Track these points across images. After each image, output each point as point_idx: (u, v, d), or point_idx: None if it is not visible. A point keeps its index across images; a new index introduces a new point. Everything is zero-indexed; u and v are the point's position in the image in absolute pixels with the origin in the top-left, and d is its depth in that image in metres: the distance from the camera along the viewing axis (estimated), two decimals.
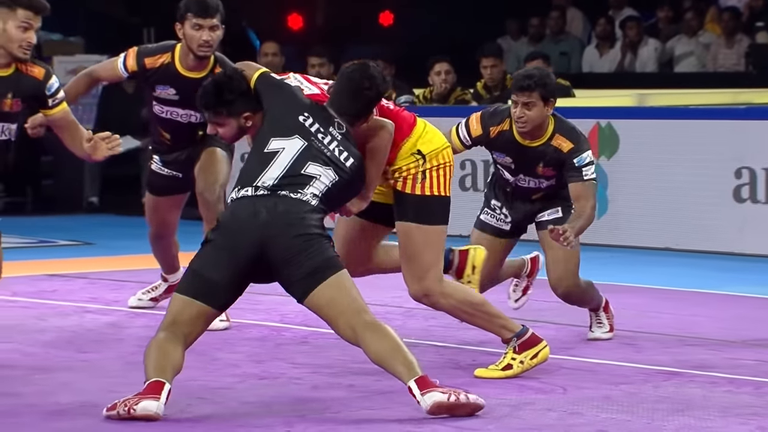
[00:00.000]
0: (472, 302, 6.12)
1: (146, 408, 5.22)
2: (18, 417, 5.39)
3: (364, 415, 5.45)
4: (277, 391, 5.88)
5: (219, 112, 5.64)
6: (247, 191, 5.52)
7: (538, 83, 6.43)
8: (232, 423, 5.30)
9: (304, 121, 5.64)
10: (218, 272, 5.44)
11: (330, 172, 5.58)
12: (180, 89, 7.08)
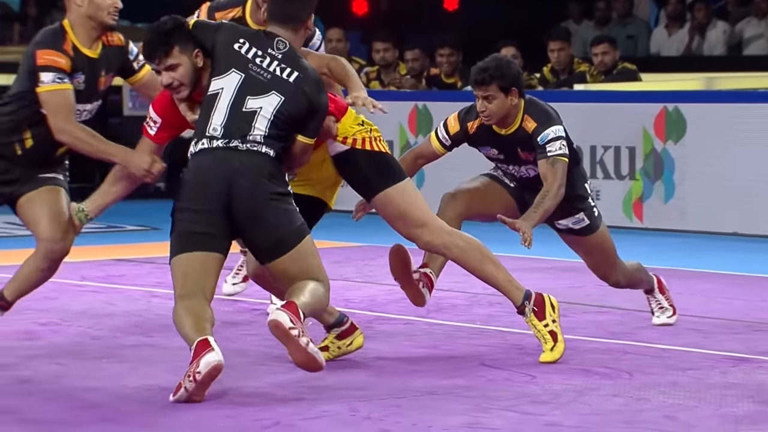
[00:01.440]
0: (482, 246, 6.07)
1: (208, 362, 5.27)
2: (87, 400, 5.46)
3: (427, 401, 5.47)
4: (342, 374, 5.91)
5: (169, 52, 5.57)
6: (203, 143, 5.56)
7: (493, 75, 6.33)
8: (299, 406, 5.33)
9: (240, 48, 5.66)
10: (202, 226, 5.51)
11: (272, 98, 5.59)
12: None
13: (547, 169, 6.32)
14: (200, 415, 5.23)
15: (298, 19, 5.79)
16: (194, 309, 5.46)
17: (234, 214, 5.52)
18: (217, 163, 5.52)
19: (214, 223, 5.52)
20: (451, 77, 12.65)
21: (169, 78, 5.61)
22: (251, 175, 5.52)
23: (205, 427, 5.10)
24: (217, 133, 5.55)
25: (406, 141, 12.17)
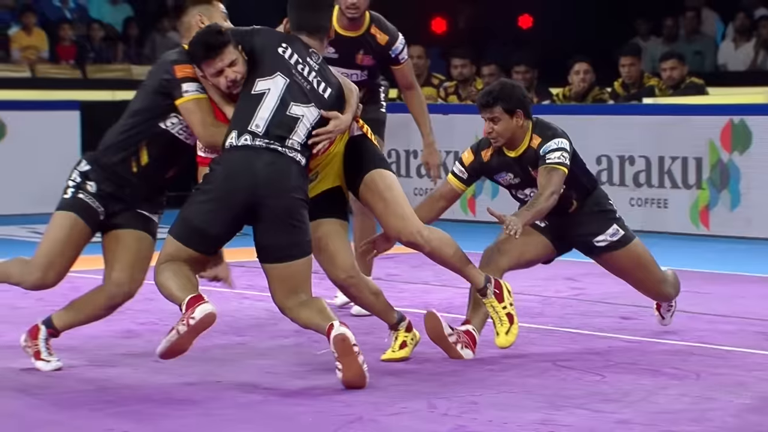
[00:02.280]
0: (452, 242, 6.03)
1: (204, 309, 5.31)
2: (184, 395, 5.51)
3: (502, 398, 5.45)
4: (420, 373, 5.91)
5: (228, 49, 5.55)
6: (245, 139, 5.52)
7: (497, 97, 6.24)
8: (380, 403, 5.34)
9: (284, 52, 5.65)
10: (208, 223, 5.50)
11: (312, 110, 5.61)
12: (339, 47, 7.09)
13: (543, 175, 6.20)
14: (289, 411, 5.26)
15: (324, 28, 5.82)
16: (180, 271, 5.46)
17: (255, 210, 5.50)
18: (254, 160, 5.49)
19: (224, 217, 5.50)
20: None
21: (234, 73, 5.59)
22: (282, 180, 5.51)
23: (295, 421, 5.13)
24: (259, 130, 5.53)
25: None
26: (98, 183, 5.73)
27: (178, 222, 5.58)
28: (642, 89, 12.18)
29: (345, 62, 7.12)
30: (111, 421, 5.10)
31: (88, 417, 5.14)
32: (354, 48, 7.11)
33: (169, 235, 5.58)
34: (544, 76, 12.97)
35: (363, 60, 7.18)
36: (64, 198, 5.73)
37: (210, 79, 5.62)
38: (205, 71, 5.61)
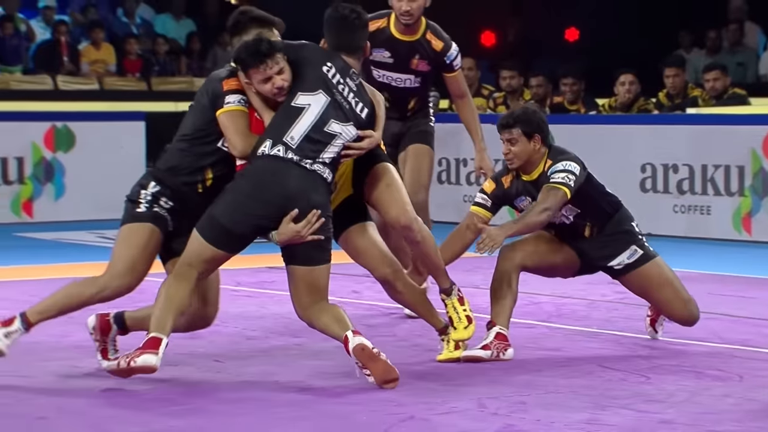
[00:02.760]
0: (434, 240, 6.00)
1: (146, 361, 5.32)
2: (243, 393, 5.52)
3: (550, 399, 5.42)
4: (470, 374, 5.89)
5: (278, 57, 5.53)
6: (278, 150, 5.50)
7: (517, 120, 6.19)
8: (431, 402, 5.33)
9: (327, 71, 5.63)
10: (234, 224, 5.48)
11: (350, 129, 5.61)
12: (394, 52, 7.09)
13: (543, 192, 6.12)
14: (343, 410, 5.25)
15: (361, 48, 5.81)
16: (172, 296, 5.44)
17: (280, 219, 5.47)
18: (284, 174, 5.48)
19: (250, 221, 5.49)
20: (574, 104, 12.60)
21: (281, 81, 5.57)
22: (311, 194, 5.49)
23: (348, 419, 5.12)
24: (293, 143, 5.52)
25: None
26: (168, 200, 5.67)
27: (205, 220, 5.56)
28: (686, 99, 12.09)
29: (400, 66, 7.12)
30: (173, 417, 5.11)
31: (152, 413, 5.16)
32: (410, 52, 7.11)
33: (196, 232, 5.56)
34: (591, 88, 12.92)
35: (418, 65, 7.16)
36: (138, 211, 5.63)
37: (256, 86, 5.59)
38: (253, 78, 5.58)
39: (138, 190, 5.69)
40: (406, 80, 7.18)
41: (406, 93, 7.23)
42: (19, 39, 15.44)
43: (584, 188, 6.19)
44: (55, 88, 15.17)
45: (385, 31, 7.13)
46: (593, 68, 14.29)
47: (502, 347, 6.16)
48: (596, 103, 12.59)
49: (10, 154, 12.45)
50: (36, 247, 10.87)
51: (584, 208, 6.24)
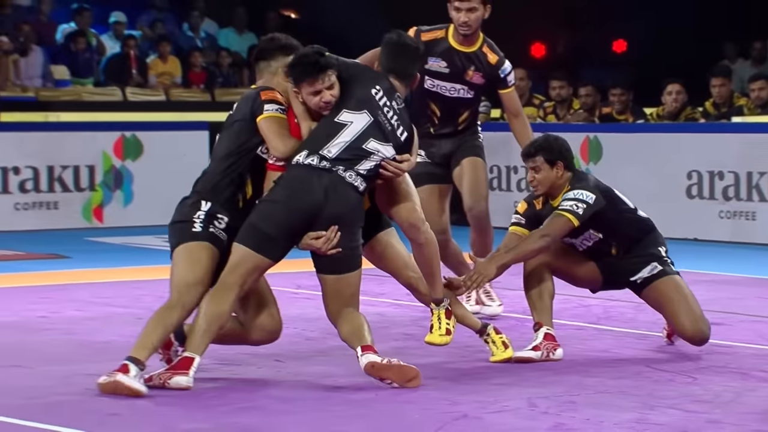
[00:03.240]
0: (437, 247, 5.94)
1: (178, 382, 5.36)
2: (299, 393, 5.52)
3: (599, 398, 5.38)
4: (521, 374, 5.85)
5: (329, 72, 5.54)
6: (312, 160, 5.50)
7: (539, 148, 6.15)
8: (483, 401, 5.30)
9: (375, 93, 5.63)
10: (272, 229, 5.47)
11: (389, 149, 5.61)
12: (450, 62, 7.07)
13: (548, 219, 6.09)
14: (398, 408, 5.24)
15: (411, 75, 5.83)
16: (216, 312, 5.42)
17: (313, 226, 5.49)
18: (316, 181, 5.48)
19: (285, 225, 5.48)
20: (623, 114, 12.54)
21: (330, 96, 5.58)
22: (342, 202, 5.49)
23: (403, 417, 5.11)
24: (330, 155, 5.52)
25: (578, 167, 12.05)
26: (221, 218, 5.63)
27: (245, 229, 5.54)
28: (731, 108, 11.99)
29: (455, 77, 7.10)
30: (236, 415, 5.13)
31: (216, 411, 5.18)
32: (466, 63, 7.09)
33: (236, 243, 5.54)
34: (639, 98, 12.84)
35: (473, 77, 7.13)
36: (195, 231, 5.57)
37: (305, 97, 5.59)
38: (303, 89, 5.58)
39: (190, 212, 5.62)
40: (460, 90, 7.15)
41: (458, 104, 7.19)
42: (91, 53, 15.59)
43: (607, 215, 6.12)
44: (124, 99, 15.31)
45: (442, 42, 7.12)
46: (641, 79, 14.20)
47: (552, 347, 6.12)
48: (644, 113, 12.51)
49: (82, 162, 12.56)
50: (105, 251, 10.96)
51: (607, 234, 6.19)
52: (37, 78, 14.96)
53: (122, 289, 8.43)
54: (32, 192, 12.29)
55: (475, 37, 7.11)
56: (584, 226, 6.11)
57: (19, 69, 14.68)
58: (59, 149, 12.46)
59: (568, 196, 6.10)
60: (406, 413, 5.16)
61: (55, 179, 12.40)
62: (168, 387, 5.40)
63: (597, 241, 6.20)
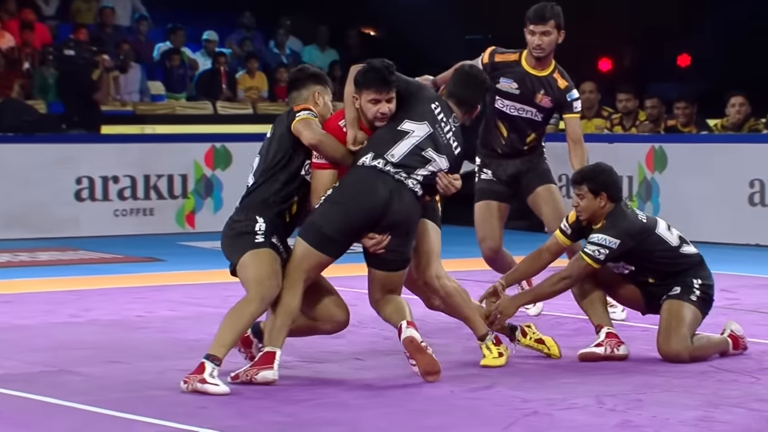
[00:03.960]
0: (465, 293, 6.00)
1: (265, 377, 5.40)
2: (381, 389, 5.52)
3: (664, 397, 5.31)
4: (589, 373, 5.80)
5: (392, 87, 5.60)
6: (378, 162, 5.55)
7: (585, 178, 6.09)
8: (552, 399, 5.26)
9: (435, 108, 5.72)
10: (332, 231, 5.51)
11: (442, 161, 5.67)
12: (522, 84, 7.02)
13: (571, 260, 6.09)
14: (473, 404, 5.22)
15: (471, 105, 5.90)
16: (289, 307, 5.48)
17: (373, 227, 5.52)
18: (381, 185, 5.53)
19: (346, 225, 5.50)
20: (687, 127, 12.38)
21: (387, 108, 5.64)
22: (403, 206, 5.54)
23: (478, 412, 5.08)
24: (394, 159, 5.58)
25: (643, 177, 11.97)
26: (274, 233, 5.62)
27: (307, 227, 5.59)
28: None
29: (525, 99, 7.03)
30: (320, 410, 5.13)
31: (300, 405, 5.19)
32: (537, 86, 7.02)
33: (299, 238, 5.59)
34: (702, 110, 12.67)
35: (542, 100, 7.06)
36: (257, 241, 5.56)
37: (363, 104, 5.63)
38: (364, 96, 5.62)
39: (250, 224, 5.62)
40: (529, 112, 7.09)
41: (526, 125, 7.11)
42: (184, 69, 15.75)
43: (637, 252, 6.03)
44: (214, 112, 15.44)
45: (516, 64, 7.06)
46: (705, 91, 14.01)
47: (615, 344, 6.06)
48: (707, 125, 12.34)
49: (176, 171, 12.69)
50: (197, 254, 11.05)
51: (638, 267, 6.11)
52: (135, 93, 15.15)
53: (212, 291, 8.49)
54: (130, 199, 12.44)
55: (547, 62, 7.04)
56: (615, 259, 6.07)
57: (119, 85, 14.88)
58: (155, 159, 12.60)
59: (593, 239, 6.03)
60: (481, 409, 5.14)
61: (151, 187, 12.54)
62: (255, 382, 5.42)
63: (631, 272, 6.15)
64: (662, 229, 6.11)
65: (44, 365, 5.93)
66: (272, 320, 5.52)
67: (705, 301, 6.09)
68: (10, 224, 11.75)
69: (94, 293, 8.42)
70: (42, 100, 14.07)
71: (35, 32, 14.81)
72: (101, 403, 5.16)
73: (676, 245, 6.11)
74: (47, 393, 5.34)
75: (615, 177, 6.16)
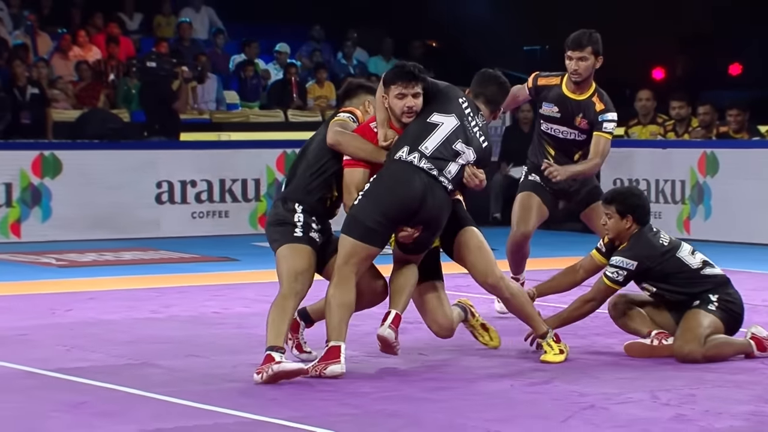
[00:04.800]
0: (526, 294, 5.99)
1: (333, 371, 5.41)
2: (441, 383, 5.50)
3: (717, 392, 5.24)
4: (643, 368, 5.74)
5: (418, 83, 5.60)
6: (413, 157, 5.54)
7: (614, 199, 6.05)
8: (608, 393, 5.21)
9: (461, 103, 5.69)
10: (372, 222, 5.49)
11: (470, 153, 5.65)
12: (562, 108, 6.96)
13: (595, 283, 6.05)
14: (531, 397, 5.19)
15: (497, 103, 5.89)
16: (341, 301, 5.49)
17: (408, 220, 5.54)
18: (416, 179, 5.54)
19: (384, 216, 5.51)
20: (739, 133, 12.22)
21: (413, 102, 5.63)
22: (436, 200, 5.55)
23: (536, 405, 5.06)
24: (428, 152, 5.58)
25: (695, 181, 11.83)
26: (314, 218, 5.67)
27: (349, 223, 5.57)
28: None
29: (565, 121, 6.96)
30: (384, 403, 5.13)
31: (367, 398, 5.19)
32: (576, 110, 6.94)
33: (343, 235, 5.58)
34: (754, 117, 12.50)
35: (581, 123, 6.98)
36: (296, 236, 5.62)
37: (391, 100, 5.63)
38: (392, 92, 5.62)
39: (288, 215, 5.65)
40: (570, 134, 7.02)
41: (571, 145, 7.03)
42: (258, 79, 15.85)
43: (658, 273, 5.98)
44: (285, 120, 15.52)
45: (556, 88, 7.00)
46: (756, 99, 13.82)
47: (664, 335, 6.01)
48: (758, 130, 12.17)
49: (249, 175, 12.77)
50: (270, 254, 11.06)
51: (660, 288, 6.04)
52: (211, 102, 15.27)
53: None
54: (206, 202, 12.54)
55: (586, 86, 6.95)
56: (637, 280, 6.04)
57: (197, 95, 15.01)
58: (230, 164, 12.69)
59: (612, 261, 6.02)
60: (539, 403, 5.10)
61: (226, 191, 12.63)
62: (324, 376, 5.42)
63: (654, 293, 6.08)
64: (685, 253, 6.02)
65: (128, 358, 6.00)
66: (333, 316, 5.51)
67: (725, 312, 5.94)
68: (96, 226, 11.90)
69: (173, 291, 8.50)
70: (125, 109, 14.24)
71: (120, 46, 15.00)
72: (180, 394, 5.20)
73: (696, 267, 6.01)
74: (130, 384, 5.39)
75: (644, 201, 6.13)
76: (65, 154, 11.85)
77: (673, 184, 11.91)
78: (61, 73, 14.29)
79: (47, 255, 10.52)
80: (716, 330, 5.89)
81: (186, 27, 15.81)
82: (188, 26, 15.86)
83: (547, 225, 12.38)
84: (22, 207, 11.62)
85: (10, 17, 15.02)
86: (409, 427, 4.72)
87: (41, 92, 13.12)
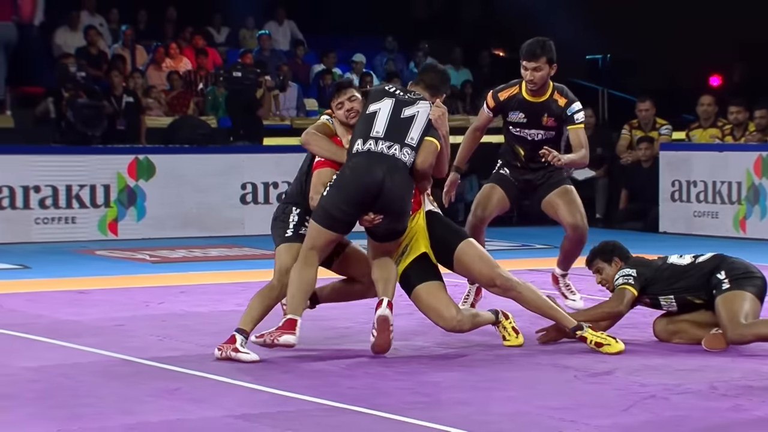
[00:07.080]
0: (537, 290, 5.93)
1: (287, 340, 5.51)
2: (507, 372, 5.46)
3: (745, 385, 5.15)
4: (702, 359, 5.65)
5: (348, 89, 5.84)
6: (369, 145, 5.67)
7: (594, 255, 6.23)
8: (668, 384, 5.14)
9: (389, 89, 5.85)
10: (336, 211, 5.62)
11: (421, 105, 5.76)
12: (527, 112, 6.84)
13: (614, 294, 6.08)
14: (597, 388, 5.13)
15: (436, 88, 5.94)
16: (304, 279, 5.63)
17: (373, 204, 5.61)
18: (375, 165, 5.64)
19: (348, 204, 5.61)
20: None
21: (350, 104, 5.83)
22: (397, 193, 5.64)
23: (601, 395, 5.01)
24: (380, 134, 5.72)
25: (751, 182, 11.65)
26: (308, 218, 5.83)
27: (316, 210, 5.75)
28: None
29: (533, 124, 6.84)
30: (454, 392, 5.11)
31: (437, 387, 5.18)
32: (540, 111, 6.82)
33: (311, 220, 5.76)
34: None
35: (548, 121, 6.87)
36: (288, 236, 5.83)
37: (336, 113, 5.84)
38: (335, 106, 5.84)
39: (285, 217, 5.88)
40: (539, 135, 6.89)
41: (539, 144, 6.84)
42: None
43: (661, 280, 6.03)
44: None
45: (517, 96, 6.87)
46: None
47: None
48: None
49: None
50: None
51: (676, 293, 6.02)
52: (292, 109, 15.38)
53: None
54: None
55: (544, 89, 6.80)
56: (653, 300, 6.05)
57: (279, 102, 15.12)
58: None
59: (615, 278, 6.12)
60: (603, 392, 5.05)
61: None
62: (278, 344, 5.55)
63: (678, 305, 6.04)
64: (674, 259, 6.14)
65: (215, 348, 6.05)
66: (293, 292, 5.65)
67: (738, 281, 5.87)
68: (185, 225, 12.06)
69: (257, 285, 8.50)
70: (213, 116, 14.41)
71: (208, 57, 15.19)
72: (264, 381, 5.24)
73: (691, 262, 6.05)
74: (218, 372, 5.45)
75: (618, 243, 6.31)
76: (158, 158, 12.03)
77: (730, 185, 11.73)
78: (154, 83, 14.50)
79: (141, 252, 10.67)
80: (742, 300, 5.79)
81: (264, 38, 15.93)
82: (266, 38, 15.98)
83: (609, 224, 12.29)
84: (119, 207, 11.82)
85: (110, 32, 15.29)
86: (477, 414, 4.70)
87: (136, 101, 13.32)
